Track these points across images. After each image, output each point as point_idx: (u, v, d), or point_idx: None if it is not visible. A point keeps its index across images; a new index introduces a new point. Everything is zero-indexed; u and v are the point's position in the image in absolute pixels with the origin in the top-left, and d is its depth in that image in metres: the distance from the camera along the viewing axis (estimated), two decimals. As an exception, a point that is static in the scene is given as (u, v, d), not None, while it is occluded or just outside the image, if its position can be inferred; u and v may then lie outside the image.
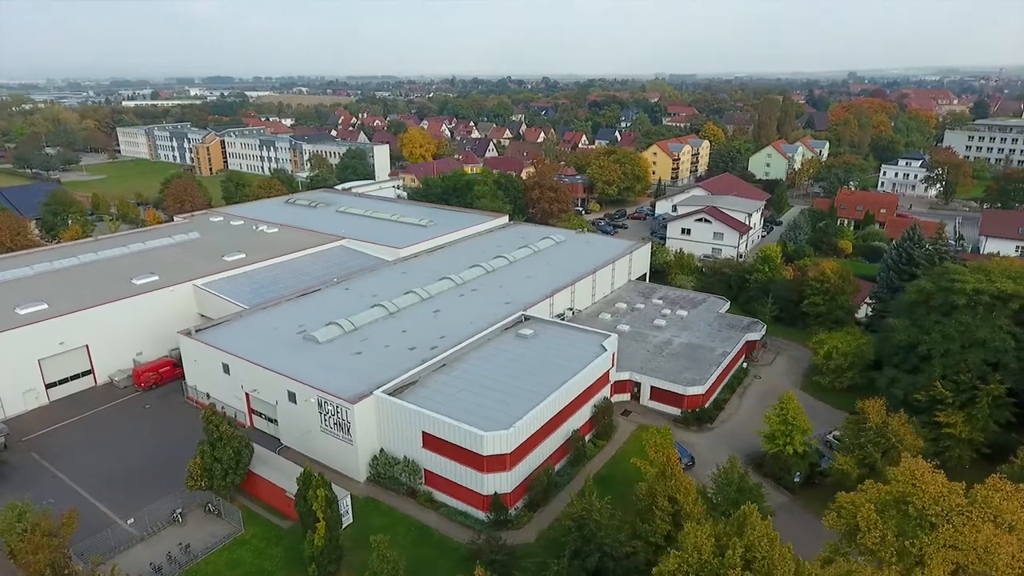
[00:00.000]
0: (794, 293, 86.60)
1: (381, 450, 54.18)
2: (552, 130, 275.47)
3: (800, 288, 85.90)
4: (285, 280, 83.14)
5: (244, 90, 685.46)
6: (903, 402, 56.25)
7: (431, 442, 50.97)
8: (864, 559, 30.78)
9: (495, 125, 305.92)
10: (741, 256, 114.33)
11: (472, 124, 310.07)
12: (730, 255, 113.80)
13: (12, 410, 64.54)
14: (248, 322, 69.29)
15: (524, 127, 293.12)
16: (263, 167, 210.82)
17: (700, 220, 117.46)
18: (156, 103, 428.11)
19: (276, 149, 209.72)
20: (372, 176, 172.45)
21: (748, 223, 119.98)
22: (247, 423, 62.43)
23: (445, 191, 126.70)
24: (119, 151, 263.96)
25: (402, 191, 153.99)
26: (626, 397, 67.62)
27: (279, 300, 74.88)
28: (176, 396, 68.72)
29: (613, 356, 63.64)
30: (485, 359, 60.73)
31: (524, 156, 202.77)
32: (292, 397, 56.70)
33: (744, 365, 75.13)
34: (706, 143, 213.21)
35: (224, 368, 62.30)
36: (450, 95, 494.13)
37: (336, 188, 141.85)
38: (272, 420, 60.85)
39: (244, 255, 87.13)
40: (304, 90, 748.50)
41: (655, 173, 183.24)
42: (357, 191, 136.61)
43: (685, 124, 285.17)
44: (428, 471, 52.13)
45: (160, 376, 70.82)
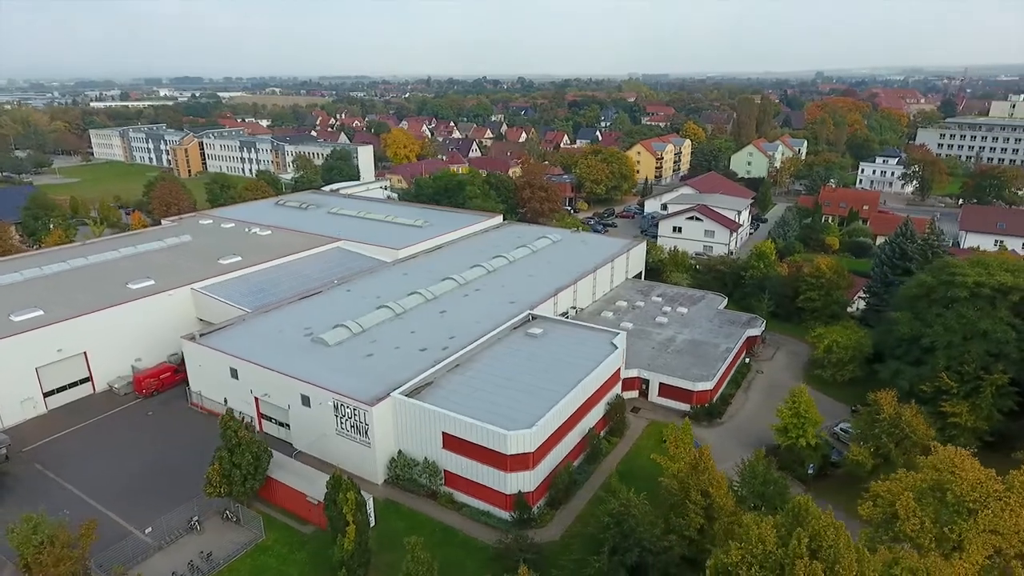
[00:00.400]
0: (789, 289, 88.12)
1: (399, 452, 53.88)
2: (533, 130, 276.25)
3: (795, 284, 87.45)
4: (284, 282, 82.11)
5: (215, 91, 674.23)
6: (908, 393, 57.61)
7: (452, 443, 50.83)
8: (898, 546, 31.52)
9: (476, 125, 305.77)
10: (732, 253, 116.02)
11: (453, 124, 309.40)
12: (721, 252, 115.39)
13: (10, 420, 62.72)
14: (252, 326, 68.32)
15: (505, 127, 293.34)
16: (244, 169, 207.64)
17: (691, 218, 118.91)
18: (127, 104, 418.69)
19: (257, 150, 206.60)
20: (357, 177, 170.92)
21: (737, 221, 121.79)
22: (256, 428, 61.46)
23: (437, 191, 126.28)
24: (92, 153, 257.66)
25: (390, 192, 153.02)
26: (634, 394, 68.18)
27: (281, 303, 73.95)
28: (179, 402, 67.44)
29: (622, 353, 64.13)
30: (498, 358, 60.74)
31: (508, 156, 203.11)
32: (306, 401, 56.06)
33: (747, 360, 76.28)
34: (688, 142, 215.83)
35: (232, 373, 61.33)
36: (428, 95, 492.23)
37: (323, 189, 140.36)
38: (283, 424, 60.10)
39: (240, 258, 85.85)
40: (277, 90, 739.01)
41: (639, 172, 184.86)
42: (345, 192, 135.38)
43: (664, 124, 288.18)
44: (448, 472, 51.97)
45: (161, 382, 69.45)
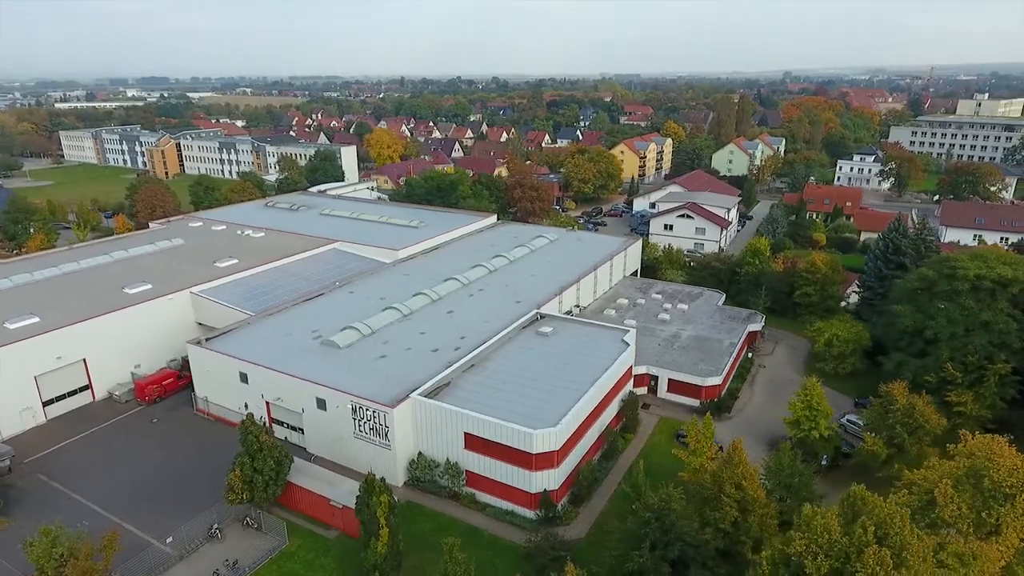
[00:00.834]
0: (785, 284, 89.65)
1: (419, 454, 53.57)
2: (513, 129, 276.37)
3: (791, 279, 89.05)
4: (283, 285, 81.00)
5: (183, 91, 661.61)
6: (912, 384, 59.03)
7: (474, 443, 50.72)
8: (942, 531, 32.35)
9: (455, 125, 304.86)
10: (722, 250, 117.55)
11: (432, 124, 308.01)
12: (712, 249, 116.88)
13: (9, 430, 60.83)
14: (257, 329, 67.29)
15: (485, 127, 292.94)
16: (224, 170, 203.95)
17: (682, 216, 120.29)
18: (95, 105, 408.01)
19: (237, 151, 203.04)
20: (342, 178, 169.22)
21: (727, 218, 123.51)
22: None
23: (428, 191, 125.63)
24: (62, 156, 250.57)
25: (379, 193, 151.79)
26: (642, 391, 68.70)
27: (284, 305, 72.96)
28: (184, 409, 66.12)
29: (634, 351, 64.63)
30: (511, 358, 60.75)
31: (492, 155, 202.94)
32: (321, 404, 55.42)
33: (750, 355, 77.43)
34: (669, 141, 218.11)
35: (242, 377, 60.32)
36: (404, 95, 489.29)
37: (310, 191, 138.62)
38: (296, 428, 59.30)
39: (236, 261, 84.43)
40: (248, 91, 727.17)
41: (624, 171, 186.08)
42: (333, 193, 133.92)
43: (644, 123, 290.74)
44: (470, 472, 51.83)
45: (164, 389, 68.01)
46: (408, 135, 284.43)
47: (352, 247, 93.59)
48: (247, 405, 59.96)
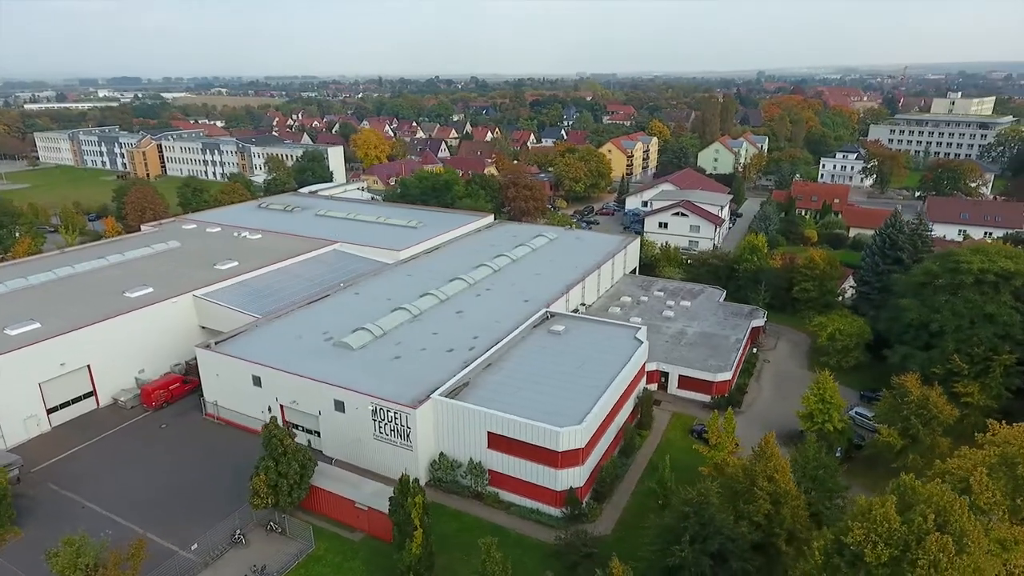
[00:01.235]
0: (783, 280, 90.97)
1: (441, 454, 53.38)
2: (498, 129, 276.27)
3: (790, 275, 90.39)
4: (286, 287, 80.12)
5: (156, 91, 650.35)
6: (919, 375, 60.28)
7: (498, 442, 50.71)
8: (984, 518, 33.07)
9: (439, 125, 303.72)
10: (717, 247, 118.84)
11: (415, 124, 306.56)
12: (706, 247, 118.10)
13: (13, 439, 59.29)
14: (266, 332, 66.48)
15: (469, 127, 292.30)
16: (207, 172, 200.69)
17: (677, 214, 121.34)
18: (67, 106, 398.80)
19: (221, 152, 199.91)
20: (330, 179, 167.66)
21: (720, 215, 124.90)
22: (282, 436, 59.85)
23: (423, 192, 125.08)
24: (38, 158, 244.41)
25: (372, 194, 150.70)
26: (652, 387, 69.21)
27: (290, 307, 72.17)
28: (192, 414, 65.08)
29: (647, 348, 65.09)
30: (527, 357, 60.83)
31: (479, 155, 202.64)
32: (339, 406, 54.96)
33: (754, 350, 78.44)
34: (655, 140, 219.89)
35: (255, 381, 59.55)
36: (384, 95, 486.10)
37: (301, 192, 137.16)
38: (311, 432, 58.68)
39: (236, 263, 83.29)
40: (224, 91, 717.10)
41: (612, 170, 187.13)
42: (324, 194, 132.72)
43: (627, 123, 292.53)
44: (493, 471, 51.80)
45: (171, 393, 66.89)
46: (392, 135, 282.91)
47: (353, 248, 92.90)
48: (271, 408, 59.00)
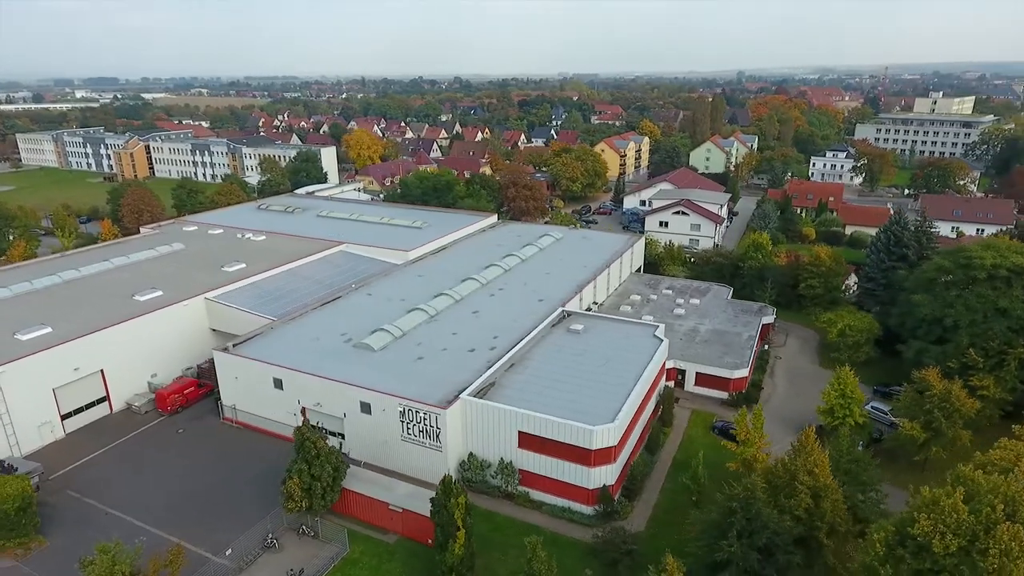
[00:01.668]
0: (789, 278, 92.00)
1: (470, 454, 53.23)
2: (487, 129, 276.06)
3: (795, 273, 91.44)
4: (297, 288, 79.40)
5: (135, 91, 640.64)
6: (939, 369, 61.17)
7: (529, 441, 50.68)
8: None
9: (428, 125, 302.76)
10: (717, 246, 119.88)
11: (404, 124, 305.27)
12: (707, 245, 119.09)
13: (28, 446, 58.04)
14: (283, 334, 65.81)
15: (459, 127, 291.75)
16: (197, 173, 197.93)
17: (678, 213, 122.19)
18: (46, 107, 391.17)
19: (212, 154, 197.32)
20: (324, 180, 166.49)
21: (720, 214, 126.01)
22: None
23: (424, 192, 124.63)
24: (20, 159, 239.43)
25: (365, 194, 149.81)
26: (669, 384, 69.62)
27: (304, 309, 71.54)
28: (209, 418, 64.21)
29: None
30: (550, 356, 60.87)
31: (471, 155, 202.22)
32: (366, 408, 54.56)
33: (766, 347, 79.23)
34: (646, 139, 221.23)
35: (276, 384, 58.90)
36: (369, 95, 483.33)
37: (297, 193, 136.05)
38: (335, 434, 58.11)
39: (244, 265, 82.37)
40: (204, 91, 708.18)
41: (608, 169, 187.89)
42: (323, 195, 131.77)
43: (616, 122, 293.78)
44: (523, 471, 51.77)
45: (186, 398, 65.94)
46: (381, 136, 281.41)
47: (360, 249, 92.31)
48: (304, 411, 58.03)
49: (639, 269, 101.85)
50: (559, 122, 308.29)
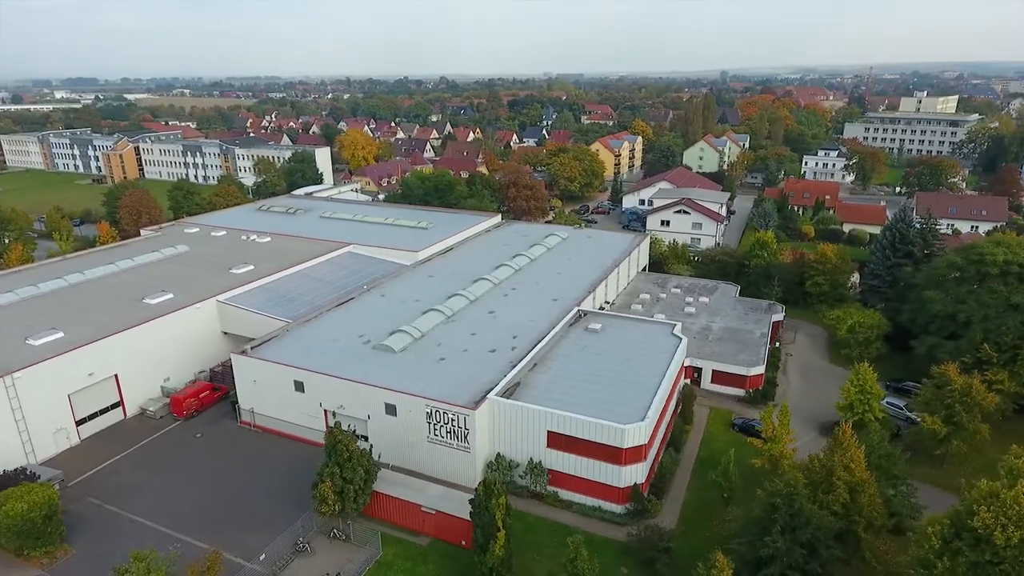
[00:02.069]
0: (795, 275, 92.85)
1: (498, 455, 53.08)
2: (478, 129, 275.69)
3: (801, 270, 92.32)
4: (307, 290, 78.74)
5: (115, 92, 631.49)
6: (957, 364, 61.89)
7: (558, 441, 50.67)
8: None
9: (418, 126, 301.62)
10: (719, 244, 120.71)
11: (395, 125, 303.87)
12: (708, 244, 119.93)
13: (43, 453, 56.95)
14: (300, 336, 65.20)
15: (450, 127, 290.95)
16: (188, 175, 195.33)
17: (679, 212, 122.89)
18: (27, 108, 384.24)
19: (204, 155, 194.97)
20: (320, 180, 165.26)
21: (720, 213, 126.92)
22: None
23: (426, 192, 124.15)
24: (4, 161, 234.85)
25: (363, 195, 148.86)
26: (687, 382, 69.99)
27: (318, 311, 70.95)
28: (226, 422, 63.46)
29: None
30: (572, 356, 60.91)
31: (465, 155, 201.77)
32: (391, 410, 54.22)
33: (777, 344, 79.88)
34: (640, 139, 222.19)
35: (297, 386, 58.33)
36: (356, 95, 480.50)
37: (295, 194, 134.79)
38: (359, 436, 57.60)
39: (252, 267, 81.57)
40: (187, 92, 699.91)
41: (605, 169, 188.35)
42: (322, 196, 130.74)
43: (608, 122, 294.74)
44: (552, 470, 51.74)
45: (201, 402, 65.10)
46: (370, 135, 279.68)
47: (367, 250, 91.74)
48: (338, 411, 57.13)
49: (645, 268, 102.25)
50: (549, 122, 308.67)
